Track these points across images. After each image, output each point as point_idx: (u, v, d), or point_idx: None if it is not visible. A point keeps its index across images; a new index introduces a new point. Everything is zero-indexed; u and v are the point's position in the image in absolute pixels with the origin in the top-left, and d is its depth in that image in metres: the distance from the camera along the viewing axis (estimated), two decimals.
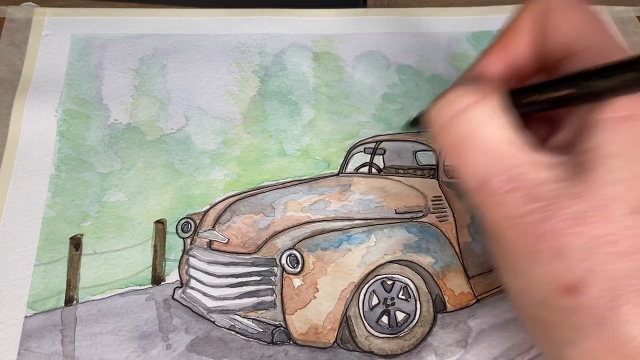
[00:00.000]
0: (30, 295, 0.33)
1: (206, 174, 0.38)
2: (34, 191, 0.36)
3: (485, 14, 0.49)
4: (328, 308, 0.33)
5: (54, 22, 0.44)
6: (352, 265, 0.34)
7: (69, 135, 0.39)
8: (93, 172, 0.37)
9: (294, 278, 0.33)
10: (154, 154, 0.39)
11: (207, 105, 0.41)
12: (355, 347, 0.32)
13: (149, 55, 0.43)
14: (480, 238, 0.36)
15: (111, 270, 0.34)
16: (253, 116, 0.41)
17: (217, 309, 0.33)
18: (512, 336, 0.33)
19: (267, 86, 0.43)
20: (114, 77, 0.42)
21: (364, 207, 0.37)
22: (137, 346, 0.32)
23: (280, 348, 0.32)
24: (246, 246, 0.35)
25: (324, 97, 0.43)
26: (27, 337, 0.31)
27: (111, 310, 0.33)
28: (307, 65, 0.44)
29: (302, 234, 0.35)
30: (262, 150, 0.40)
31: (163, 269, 0.35)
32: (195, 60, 0.43)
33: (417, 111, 0.42)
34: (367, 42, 0.46)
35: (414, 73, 0.45)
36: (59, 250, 0.34)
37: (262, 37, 0.45)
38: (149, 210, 0.36)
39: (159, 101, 0.41)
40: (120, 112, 0.40)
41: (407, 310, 0.34)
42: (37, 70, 0.41)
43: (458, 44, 0.47)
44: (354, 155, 0.40)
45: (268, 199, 0.37)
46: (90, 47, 0.43)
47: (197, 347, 0.32)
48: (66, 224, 0.35)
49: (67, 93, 0.40)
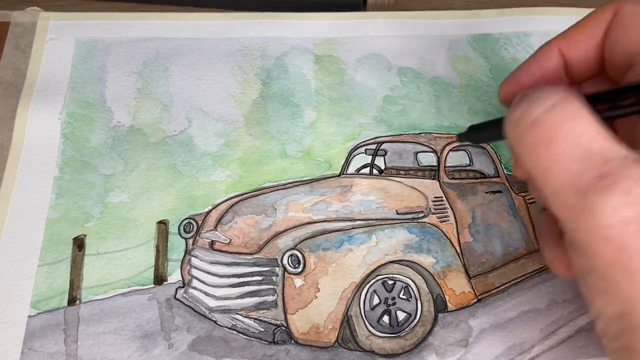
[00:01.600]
0: (34, 295, 0.33)
1: (208, 175, 0.38)
2: (38, 193, 0.37)
3: (485, 17, 0.49)
4: (329, 308, 0.33)
5: (58, 26, 0.44)
6: (353, 265, 0.34)
7: (72, 137, 0.39)
8: (96, 173, 0.38)
9: (296, 278, 0.34)
10: (156, 156, 0.39)
11: (210, 108, 0.42)
12: (356, 346, 0.32)
13: (152, 59, 0.44)
14: (481, 238, 0.37)
15: (114, 270, 0.34)
16: (255, 118, 0.41)
17: (218, 309, 0.33)
18: (513, 336, 0.33)
19: (269, 88, 0.43)
20: (118, 80, 0.42)
21: (365, 208, 0.37)
22: (139, 345, 0.32)
23: (281, 347, 0.32)
24: (248, 246, 0.35)
25: (325, 99, 0.43)
26: (30, 337, 0.31)
27: (114, 310, 0.33)
28: (309, 67, 0.44)
29: (304, 234, 0.35)
30: (264, 151, 0.40)
31: (165, 269, 0.35)
32: (198, 63, 0.44)
33: (418, 113, 0.43)
34: (369, 45, 0.46)
35: (415, 75, 0.45)
36: (63, 250, 0.35)
37: (264, 41, 0.46)
38: (151, 211, 0.37)
39: (162, 104, 0.41)
40: (124, 114, 0.41)
41: (408, 310, 0.34)
42: (41, 74, 0.42)
43: (459, 47, 0.47)
44: (355, 157, 0.40)
45: (270, 199, 0.37)
46: (93, 50, 0.44)
47: (198, 346, 0.32)
48: (69, 225, 0.35)
49: (71, 96, 0.41)
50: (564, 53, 0.31)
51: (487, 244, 0.36)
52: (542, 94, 0.23)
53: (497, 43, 0.47)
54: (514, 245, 0.37)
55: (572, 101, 0.23)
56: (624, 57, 0.28)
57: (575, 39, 0.30)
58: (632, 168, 0.20)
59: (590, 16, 0.30)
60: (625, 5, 0.28)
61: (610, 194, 0.20)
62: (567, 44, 0.30)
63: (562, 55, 0.31)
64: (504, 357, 0.32)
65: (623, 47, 0.28)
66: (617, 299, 0.21)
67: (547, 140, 0.22)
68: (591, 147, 0.21)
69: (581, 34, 0.30)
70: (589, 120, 0.22)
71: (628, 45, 0.27)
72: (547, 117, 0.23)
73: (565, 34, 0.31)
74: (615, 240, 0.20)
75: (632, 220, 0.20)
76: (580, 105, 0.23)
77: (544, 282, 0.35)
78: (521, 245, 0.37)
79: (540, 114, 0.23)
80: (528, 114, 0.23)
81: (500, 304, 0.34)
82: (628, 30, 0.28)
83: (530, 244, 0.37)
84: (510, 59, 0.46)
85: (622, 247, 0.20)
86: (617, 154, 0.21)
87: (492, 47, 0.47)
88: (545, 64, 0.31)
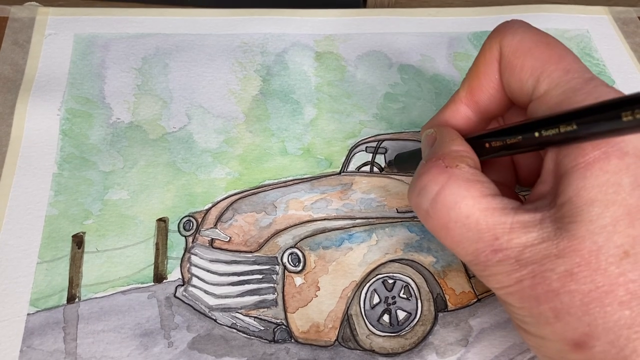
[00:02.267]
0: (33, 292, 0.33)
1: (208, 172, 0.38)
2: (37, 189, 0.36)
3: (485, 14, 0.49)
4: (329, 307, 0.33)
5: (57, 21, 0.44)
6: (353, 264, 0.34)
7: (71, 133, 0.39)
8: (95, 170, 0.38)
9: (296, 276, 0.34)
10: (156, 153, 0.39)
11: (209, 104, 0.41)
12: (356, 345, 0.32)
13: (151, 55, 0.43)
14: None
15: (113, 268, 0.34)
16: (255, 115, 0.41)
17: (218, 307, 0.33)
18: (513, 335, 0.33)
19: (269, 85, 0.43)
20: (117, 76, 0.42)
21: (366, 206, 0.37)
22: (139, 344, 0.32)
23: (281, 346, 0.32)
24: (248, 244, 0.35)
25: (325, 96, 0.43)
26: (29, 335, 0.31)
27: (113, 308, 0.33)
28: (309, 64, 0.44)
29: (304, 232, 0.35)
30: (264, 149, 0.40)
31: (165, 267, 0.35)
32: (198, 59, 0.43)
33: (419, 111, 0.42)
34: (369, 42, 0.46)
35: (416, 72, 0.45)
36: (62, 248, 0.34)
37: (264, 37, 0.45)
38: (151, 208, 0.36)
39: (161, 100, 0.41)
40: (123, 110, 0.40)
41: (408, 309, 0.34)
42: (40, 70, 0.42)
43: (459, 44, 0.47)
44: (356, 154, 0.40)
45: (270, 197, 0.37)
46: (93, 46, 0.43)
47: (198, 345, 0.32)
48: (69, 222, 0.35)
49: (69, 92, 0.41)
50: (473, 102, 0.30)
51: None
52: (425, 182, 0.25)
53: None
54: None
55: (451, 184, 0.25)
56: (521, 94, 0.27)
57: (478, 88, 0.29)
58: (518, 239, 0.23)
59: (481, 59, 0.28)
60: (504, 41, 0.27)
61: (504, 264, 0.23)
62: (472, 96, 0.29)
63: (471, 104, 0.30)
64: (504, 357, 0.32)
65: (517, 86, 0.27)
66: (532, 336, 0.25)
67: (442, 228, 0.25)
68: (479, 227, 0.24)
69: (482, 82, 0.29)
70: (473, 198, 0.24)
71: (520, 84, 0.26)
72: (435, 208, 0.25)
73: (467, 86, 0.29)
74: (516, 295, 0.24)
75: (525, 277, 0.23)
76: (465, 179, 0.25)
77: None
78: None
79: (428, 207, 0.25)
80: (420, 205, 0.26)
81: (500, 303, 0.34)
82: (516, 69, 0.26)
83: None
84: None
85: (522, 298, 0.23)
86: (502, 229, 0.23)
87: None
88: (454, 116, 0.30)
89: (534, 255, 0.23)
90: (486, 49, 0.28)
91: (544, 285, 0.22)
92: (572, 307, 0.22)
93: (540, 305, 0.23)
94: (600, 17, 0.50)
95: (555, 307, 0.22)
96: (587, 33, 0.48)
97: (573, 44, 0.47)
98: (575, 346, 0.22)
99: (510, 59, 0.27)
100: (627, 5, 0.51)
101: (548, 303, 0.22)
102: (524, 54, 0.26)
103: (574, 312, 0.22)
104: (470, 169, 0.25)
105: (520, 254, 0.23)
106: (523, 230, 0.23)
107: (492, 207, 0.24)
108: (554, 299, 0.22)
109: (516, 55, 0.26)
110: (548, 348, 0.24)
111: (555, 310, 0.22)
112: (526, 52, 0.26)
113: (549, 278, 0.22)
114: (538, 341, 0.25)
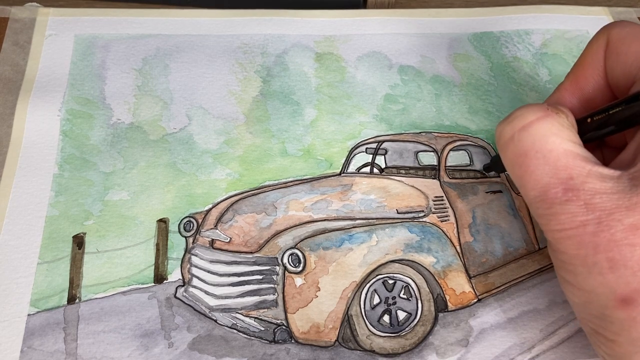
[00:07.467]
0: (34, 293, 0.33)
1: (208, 173, 0.38)
2: (38, 190, 0.36)
3: (486, 14, 0.49)
4: (330, 307, 0.33)
5: (57, 22, 0.44)
6: (353, 264, 0.34)
7: (72, 134, 0.39)
8: (96, 171, 0.38)
9: (296, 277, 0.34)
10: (156, 154, 0.39)
11: (210, 105, 0.41)
12: (356, 346, 0.32)
13: (151, 56, 0.43)
14: (481, 238, 0.37)
15: (114, 268, 0.34)
16: (255, 116, 0.41)
17: (219, 308, 0.33)
18: (513, 335, 0.33)
19: (269, 86, 0.43)
20: (117, 77, 0.42)
21: (366, 207, 0.37)
22: (139, 344, 0.32)
23: (281, 347, 0.32)
24: (248, 245, 0.35)
25: (326, 97, 0.43)
26: (30, 335, 0.31)
27: (114, 309, 0.33)
28: (309, 65, 0.44)
29: (304, 233, 0.35)
30: (264, 150, 0.40)
31: (165, 268, 0.35)
32: (198, 60, 0.43)
33: (419, 112, 0.42)
34: (369, 43, 0.46)
35: (416, 74, 0.45)
36: (62, 248, 0.34)
37: (264, 38, 0.45)
38: (151, 209, 0.36)
39: (162, 101, 0.41)
40: (123, 111, 0.40)
41: (408, 310, 0.34)
42: (40, 70, 0.42)
43: (459, 45, 0.47)
44: (356, 155, 0.40)
45: (270, 198, 0.37)
46: (93, 47, 0.43)
47: (199, 345, 0.32)
48: (69, 223, 0.35)
49: (70, 93, 0.41)
50: (578, 90, 0.32)
51: (487, 244, 0.36)
52: (522, 112, 0.27)
53: (497, 41, 0.47)
54: (514, 245, 0.37)
55: (546, 120, 0.26)
56: (624, 79, 0.29)
57: (582, 76, 0.31)
58: (592, 183, 0.24)
59: (588, 50, 0.31)
60: (612, 31, 0.29)
61: (572, 204, 0.24)
62: (576, 84, 0.32)
63: (575, 91, 0.32)
64: (504, 357, 0.32)
65: (621, 71, 0.29)
66: (579, 289, 0.25)
67: (521, 155, 0.26)
68: (558, 163, 0.25)
69: (586, 71, 0.31)
70: (561, 138, 0.25)
71: (624, 68, 0.29)
72: (522, 134, 0.26)
73: (572, 75, 0.32)
74: (575, 239, 0.24)
75: (590, 222, 0.23)
76: (560, 123, 0.26)
77: (544, 282, 0.36)
78: (521, 245, 0.37)
79: (516, 132, 0.26)
80: (508, 130, 0.27)
81: (500, 304, 0.34)
82: (621, 55, 0.29)
83: (530, 244, 0.37)
84: (511, 57, 0.46)
85: (581, 244, 0.23)
86: (580, 171, 0.24)
87: (492, 45, 0.47)
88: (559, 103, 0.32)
89: (604, 202, 0.23)
90: (593, 40, 0.30)
91: (607, 234, 0.23)
92: (630, 261, 0.22)
93: (597, 254, 0.23)
94: (600, 17, 0.50)
95: (613, 258, 0.22)
96: (587, 34, 0.48)
97: (573, 44, 0.48)
98: (622, 302, 0.22)
99: (617, 45, 0.29)
100: (627, 6, 0.51)
101: (607, 252, 0.23)
102: (630, 41, 0.28)
103: (630, 266, 0.22)
104: (567, 121, 0.26)
105: (591, 199, 0.23)
106: (599, 178, 0.24)
107: (575, 152, 0.25)
108: (614, 249, 0.22)
109: (623, 42, 0.29)
110: (592, 303, 0.24)
111: (612, 260, 0.22)
112: (632, 40, 0.28)
113: (614, 227, 0.22)
114: (583, 295, 0.24)
